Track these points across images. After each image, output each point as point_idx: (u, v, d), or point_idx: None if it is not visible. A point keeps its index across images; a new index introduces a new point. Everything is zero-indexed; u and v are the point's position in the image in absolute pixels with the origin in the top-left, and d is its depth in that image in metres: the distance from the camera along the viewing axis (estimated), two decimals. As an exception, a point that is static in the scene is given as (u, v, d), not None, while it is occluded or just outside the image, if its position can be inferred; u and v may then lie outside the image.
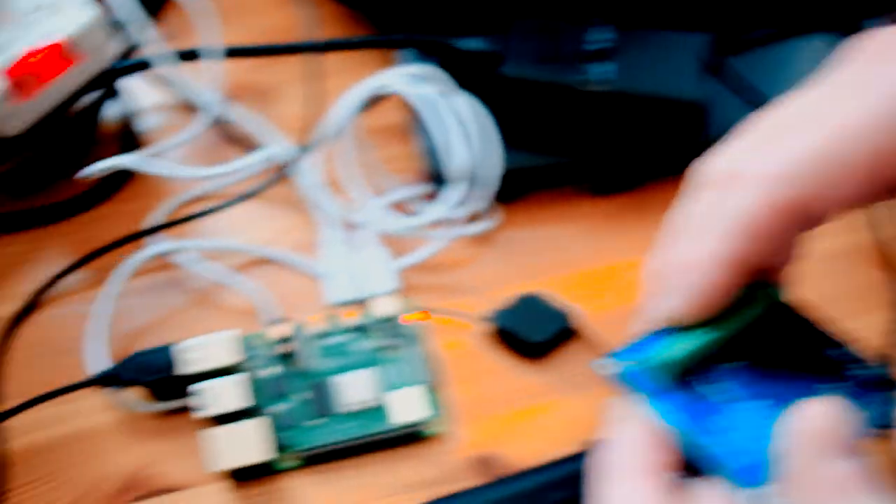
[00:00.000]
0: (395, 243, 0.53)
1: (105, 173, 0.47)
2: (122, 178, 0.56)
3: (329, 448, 0.45)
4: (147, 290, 0.52)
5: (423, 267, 0.52)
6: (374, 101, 0.55)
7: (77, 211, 0.55)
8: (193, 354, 0.45)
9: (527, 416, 0.48)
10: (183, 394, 0.46)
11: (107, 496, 0.45)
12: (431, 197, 0.54)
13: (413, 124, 0.56)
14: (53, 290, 0.52)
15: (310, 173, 0.53)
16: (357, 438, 0.46)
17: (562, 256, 0.53)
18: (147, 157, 0.49)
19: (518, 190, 0.54)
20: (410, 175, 0.56)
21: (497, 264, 0.53)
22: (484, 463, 0.46)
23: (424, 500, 0.43)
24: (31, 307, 0.51)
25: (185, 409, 0.47)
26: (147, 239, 0.53)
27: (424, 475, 0.45)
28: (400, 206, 0.54)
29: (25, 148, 0.51)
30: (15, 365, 0.49)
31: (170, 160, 0.55)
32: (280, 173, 0.53)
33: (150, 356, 0.46)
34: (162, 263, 0.53)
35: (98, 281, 0.52)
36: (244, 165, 0.52)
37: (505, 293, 0.51)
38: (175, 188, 0.55)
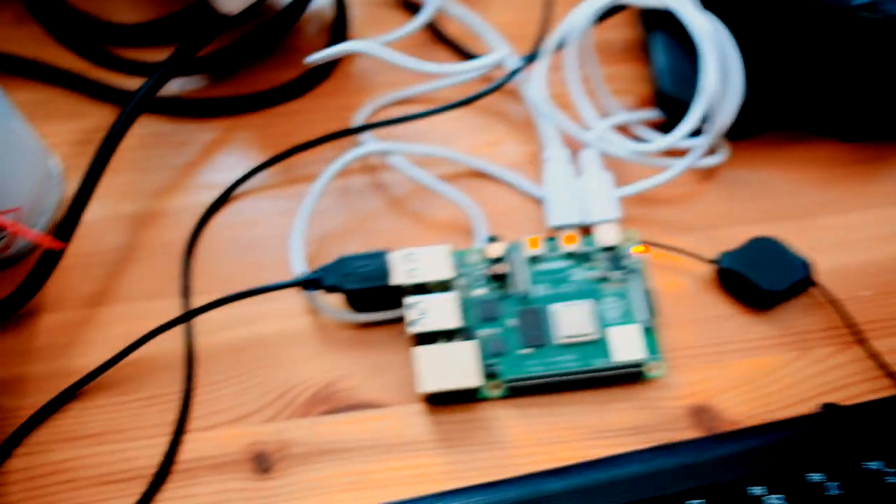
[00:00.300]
0: (617, 169, 0.48)
1: (324, 60, 0.42)
2: (324, 73, 0.53)
3: (538, 380, 0.42)
4: (348, 192, 0.49)
5: (644, 198, 0.48)
6: (606, 14, 0.49)
7: (278, 101, 0.52)
8: (404, 266, 0.42)
9: (748, 371, 0.43)
10: (385, 306, 0.44)
11: (295, 405, 0.42)
12: (657, 124, 0.50)
13: (644, 43, 0.52)
14: (248, 183, 0.49)
15: (534, 85, 0.48)
16: (569, 373, 0.42)
17: (795, 203, 0.48)
18: (379, 45, 0.43)
19: (752, 127, 0.49)
20: (634, 98, 0.52)
21: (722, 203, 0.48)
22: (698, 414, 0.42)
23: (632, 448, 0.40)
24: (223, 199, 0.48)
25: (384, 322, 0.44)
26: (350, 139, 0.50)
27: (635, 421, 0.42)
28: (624, 131, 0.50)
29: (237, 28, 0.48)
30: (203, 259, 0.47)
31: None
32: (500, 81, 0.49)
33: (358, 262, 0.43)
34: (365, 165, 0.49)
35: (295, 178, 0.49)
36: (468, 68, 0.47)
37: (729, 235, 0.47)
38: (379, 88, 0.52)
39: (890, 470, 0.36)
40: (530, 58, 0.49)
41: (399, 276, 0.42)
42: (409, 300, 0.41)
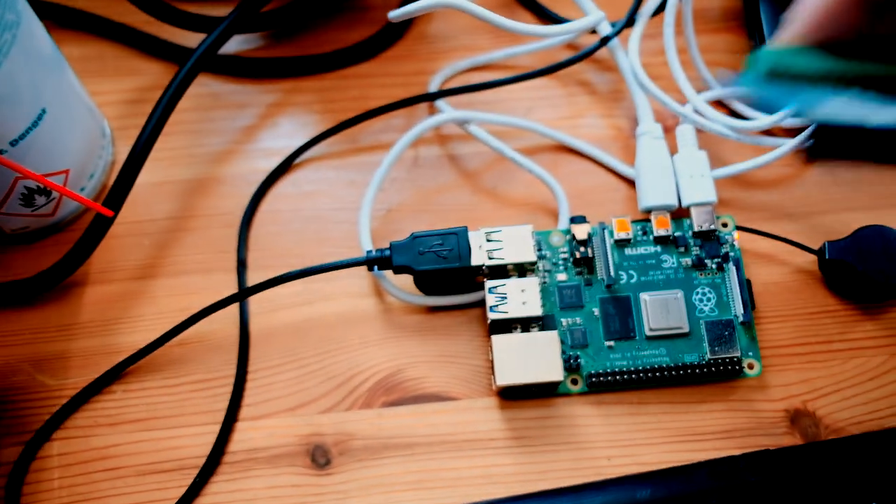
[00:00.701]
0: (713, 148, 0.44)
1: (409, 16, 0.39)
2: (397, 34, 0.49)
3: (622, 376, 0.39)
4: (419, 163, 0.46)
5: (741, 180, 0.44)
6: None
7: (345, 63, 0.48)
8: (483, 246, 0.39)
9: (854, 373, 0.40)
10: (457, 289, 0.41)
11: (357, 395, 0.40)
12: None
13: (745, 10, 0.48)
14: (311, 151, 0.46)
15: (630, 53, 0.45)
16: (657, 369, 0.39)
17: None
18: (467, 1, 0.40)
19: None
20: (731, 70, 0.47)
21: (827, 188, 0.44)
22: (797, 419, 0.39)
23: (722, 454, 0.37)
24: (284, 167, 0.45)
25: (455, 307, 0.41)
26: (421, 107, 0.46)
27: (727, 424, 0.39)
28: (719, 106, 0.46)
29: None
30: (261, 231, 0.44)
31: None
32: (593, 47, 0.45)
33: (432, 241, 0.39)
34: (438, 135, 0.46)
35: (363, 147, 0.46)
36: (560, 31, 0.43)
37: (834, 223, 0.43)
38: (455, 53, 0.48)
39: None
40: (625, 23, 0.45)
41: (478, 256, 0.38)
42: (488, 284, 0.38)
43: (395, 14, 0.39)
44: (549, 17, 0.49)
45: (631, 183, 0.43)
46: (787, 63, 0.29)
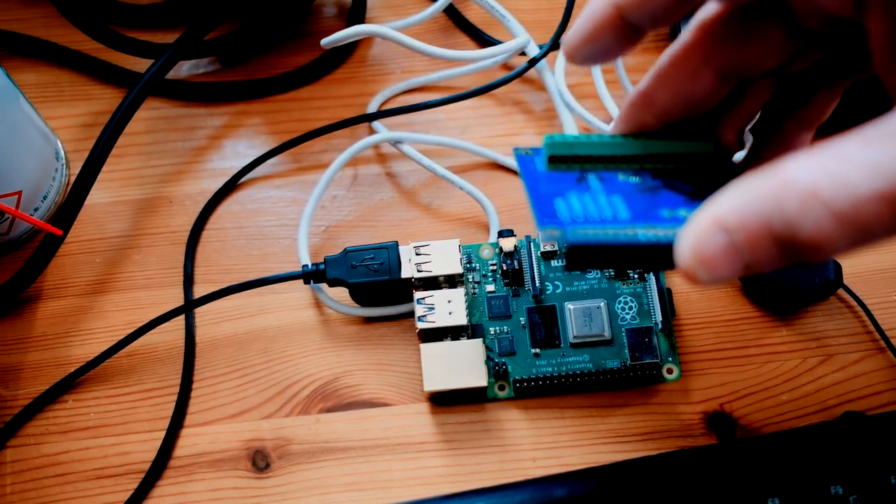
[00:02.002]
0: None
1: (339, 43, 0.41)
2: (339, 59, 0.51)
3: (548, 382, 0.41)
4: (359, 182, 0.48)
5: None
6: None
7: (290, 87, 0.50)
8: (412, 259, 0.41)
9: (768, 377, 0.42)
10: (391, 300, 0.42)
11: (296, 402, 0.41)
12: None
13: (673, 31, 0.50)
14: (256, 171, 0.48)
15: (555, 74, 0.47)
16: (580, 374, 0.41)
17: None
18: (393, 29, 0.42)
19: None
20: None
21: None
22: (716, 420, 0.41)
23: (643, 454, 0.39)
24: (230, 187, 0.47)
25: (390, 318, 0.43)
26: (363, 128, 0.49)
27: (648, 426, 0.40)
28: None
29: (249, 10, 0.47)
30: (208, 248, 0.45)
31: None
32: (519, 70, 0.47)
33: (364, 255, 0.41)
34: (378, 154, 0.48)
35: (305, 167, 0.48)
36: (486, 55, 0.46)
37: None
38: (395, 76, 0.51)
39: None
40: (551, 46, 0.47)
41: (407, 269, 0.40)
42: (416, 295, 0.40)
43: (326, 41, 0.41)
44: (484, 41, 0.51)
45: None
46: (574, 144, 0.29)
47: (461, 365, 0.39)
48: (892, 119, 0.21)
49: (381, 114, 0.46)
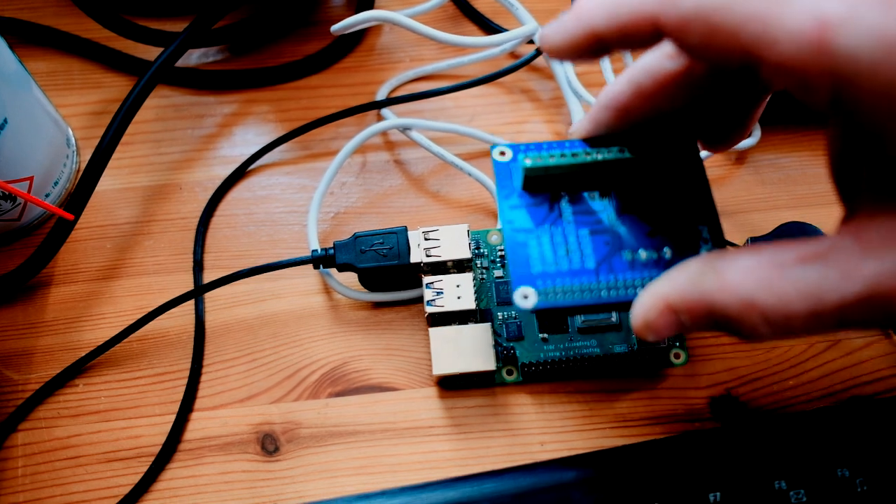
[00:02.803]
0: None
1: (349, 29, 0.41)
2: (348, 47, 0.51)
3: (555, 366, 0.41)
4: (368, 168, 0.48)
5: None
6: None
7: (299, 75, 0.50)
8: (418, 244, 0.41)
9: (776, 361, 0.42)
10: (399, 286, 0.43)
11: (305, 386, 0.41)
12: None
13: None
14: (265, 158, 0.48)
15: (561, 63, 0.46)
16: (587, 359, 0.41)
17: (828, 188, 0.44)
18: (405, 16, 0.42)
19: (782, 113, 0.47)
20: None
21: (754, 188, 0.47)
22: (723, 405, 0.41)
23: (652, 438, 0.39)
24: (239, 174, 0.47)
25: (399, 303, 0.43)
26: (372, 115, 0.49)
27: (655, 410, 0.41)
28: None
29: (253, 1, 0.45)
30: (217, 234, 0.46)
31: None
32: (526, 57, 0.47)
33: (373, 240, 0.42)
34: (387, 142, 0.48)
35: (314, 154, 0.48)
36: (494, 42, 0.46)
37: (760, 220, 0.45)
38: (404, 64, 0.51)
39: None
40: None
41: (416, 254, 0.40)
42: (425, 280, 0.40)
43: (336, 27, 0.41)
44: (492, 29, 0.51)
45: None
46: (549, 167, 0.31)
47: (469, 349, 0.39)
48: (825, 242, 0.24)
49: (390, 101, 0.46)
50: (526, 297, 0.31)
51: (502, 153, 0.34)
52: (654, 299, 0.27)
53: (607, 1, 0.26)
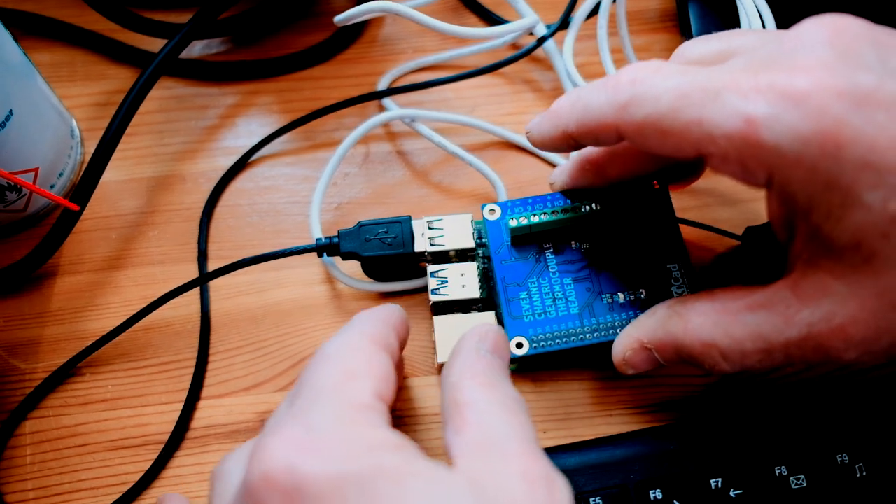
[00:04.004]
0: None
1: (352, 20, 0.41)
2: (350, 38, 0.52)
3: (557, 354, 0.40)
4: (371, 159, 0.48)
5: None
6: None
7: (302, 66, 0.51)
8: (422, 234, 0.41)
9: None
10: (403, 275, 0.43)
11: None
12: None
13: (678, 11, 0.51)
14: (268, 148, 0.48)
15: (563, 53, 0.47)
16: (590, 347, 0.40)
17: None
18: (408, 6, 0.42)
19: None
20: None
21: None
22: (726, 390, 0.41)
23: (654, 424, 0.39)
24: (242, 164, 0.47)
25: (402, 293, 0.44)
26: (374, 106, 0.49)
27: (656, 398, 0.41)
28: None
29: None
30: (221, 224, 0.46)
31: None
32: (527, 49, 0.48)
33: (377, 229, 0.42)
34: (389, 132, 0.49)
35: (317, 144, 0.49)
36: (495, 33, 0.46)
37: (760, 209, 0.45)
38: (406, 54, 0.52)
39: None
40: (559, 25, 0.47)
41: (420, 243, 0.41)
42: (430, 268, 0.40)
43: (339, 17, 0.41)
44: (493, 20, 0.52)
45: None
46: (532, 225, 0.38)
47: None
48: (768, 292, 0.30)
49: (392, 91, 0.47)
50: (520, 346, 0.37)
51: (492, 211, 0.40)
52: (629, 339, 0.35)
53: (576, 110, 0.32)
